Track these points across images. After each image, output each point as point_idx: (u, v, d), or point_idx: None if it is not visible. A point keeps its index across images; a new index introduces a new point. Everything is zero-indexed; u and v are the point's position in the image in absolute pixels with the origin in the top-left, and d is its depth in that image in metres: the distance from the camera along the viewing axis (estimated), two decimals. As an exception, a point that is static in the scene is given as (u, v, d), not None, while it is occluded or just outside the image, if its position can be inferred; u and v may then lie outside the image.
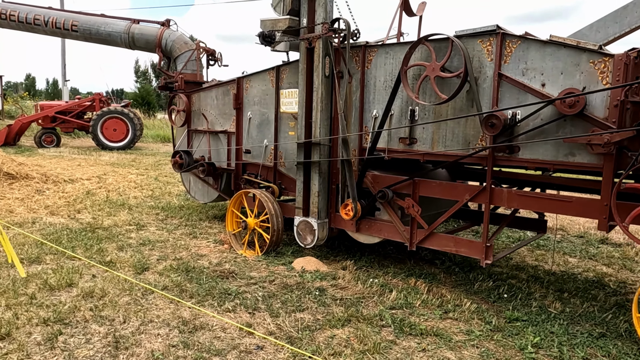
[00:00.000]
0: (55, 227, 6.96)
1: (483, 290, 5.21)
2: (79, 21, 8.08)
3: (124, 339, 3.79)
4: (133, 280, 4.97)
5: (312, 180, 5.82)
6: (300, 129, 5.88)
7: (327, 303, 4.67)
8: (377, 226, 5.52)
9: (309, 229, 5.88)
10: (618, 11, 5.48)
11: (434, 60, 4.68)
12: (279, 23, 5.77)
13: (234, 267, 5.59)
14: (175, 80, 7.83)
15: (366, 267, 5.82)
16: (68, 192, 9.49)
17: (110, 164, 14.07)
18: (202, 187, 7.86)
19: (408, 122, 5.11)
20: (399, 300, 4.78)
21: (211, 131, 7.41)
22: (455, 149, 4.79)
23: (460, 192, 4.85)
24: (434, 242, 5.07)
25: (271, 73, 6.50)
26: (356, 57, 5.50)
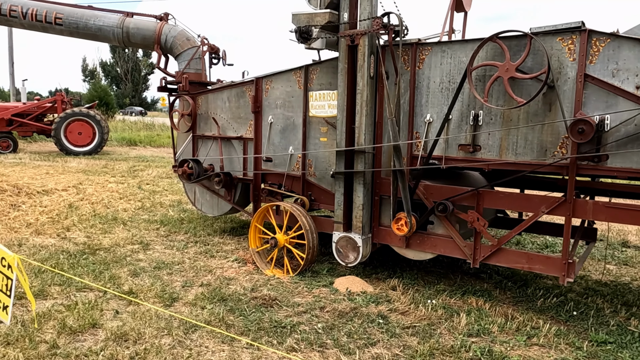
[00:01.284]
0: (49, 250, 6.05)
1: (549, 308, 4.83)
2: (64, 13, 7.11)
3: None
4: (172, 313, 4.24)
5: (356, 192, 5.26)
6: (340, 135, 5.31)
7: (397, 333, 4.15)
8: (430, 241, 5.04)
9: (352, 245, 5.32)
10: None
11: (507, 59, 4.24)
12: (316, 17, 5.17)
13: (272, 292, 4.95)
14: (178, 80, 7.06)
15: (414, 285, 5.33)
16: (47, 205, 8.46)
17: (81, 171, 12.90)
18: (210, 198, 7.12)
19: (470, 127, 4.66)
20: (471, 325, 4.32)
21: (223, 137, 6.70)
22: (529, 157, 4.37)
23: (536, 204, 4.44)
24: (503, 259, 4.64)
25: (298, 73, 5.89)
26: (405, 55, 4.99)
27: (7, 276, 3.24)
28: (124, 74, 66.23)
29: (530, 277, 5.71)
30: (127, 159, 16.25)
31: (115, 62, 66.08)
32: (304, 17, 5.27)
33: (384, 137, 5.23)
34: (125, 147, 20.87)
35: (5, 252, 3.24)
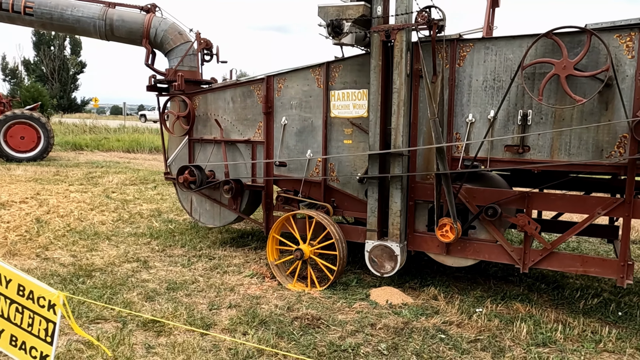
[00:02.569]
0: (34, 274, 5.22)
1: (593, 310, 4.76)
2: (35, 2, 6.19)
3: None
4: (214, 343, 3.70)
5: (393, 197, 4.93)
6: (374, 137, 4.96)
7: (466, 349, 3.87)
8: (473, 247, 4.81)
9: (388, 254, 4.99)
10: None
11: (565, 57, 4.08)
12: (348, 10, 4.79)
13: (311, 310, 4.52)
14: (171, 79, 6.40)
15: (451, 293, 5.09)
16: (9, 221, 7.44)
17: (31, 180, 11.62)
18: (210, 208, 6.52)
19: (518, 127, 4.47)
20: (533, 334, 4.13)
21: (226, 140, 6.14)
22: (584, 157, 4.24)
23: (591, 206, 4.32)
24: (555, 263, 4.49)
25: (317, 71, 5.47)
26: (443, 52, 4.73)
27: (48, 319, 2.61)
28: (50, 73, 61.95)
29: (558, 278, 5.66)
30: (79, 165, 14.94)
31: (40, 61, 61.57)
32: (332, 9, 4.87)
33: (418, 138, 4.95)
34: (71, 152, 19.26)
35: (45, 289, 2.61)
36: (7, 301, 2.76)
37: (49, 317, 2.61)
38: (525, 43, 4.37)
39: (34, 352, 2.67)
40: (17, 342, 2.74)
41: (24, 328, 2.70)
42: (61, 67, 61.91)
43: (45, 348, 2.64)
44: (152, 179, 12.47)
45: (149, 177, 12.73)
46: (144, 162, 17.03)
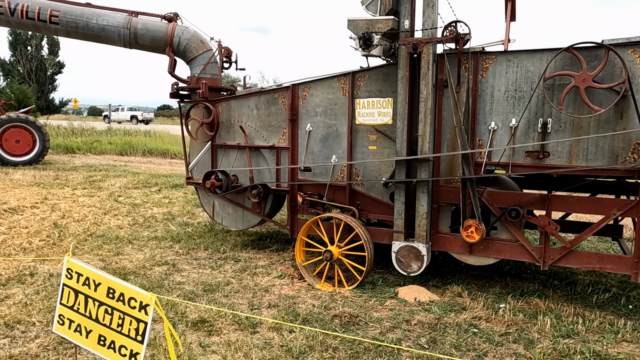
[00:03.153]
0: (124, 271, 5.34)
1: (605, 303, 5.11)
2: (61, 11, 6.27)
3: None
4: (266, 341, 3.91)
5: (419, 200, 5.22)
6: (401, 143, 5.24)
7: (499, 341, 4.17)
8: (495, 247, 5.13)
9: (414, 254, 5.27)
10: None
11: (584, 70, 4.42)
12: (377, 24, 5.05)
13: (346, 308, 4.77)
14: (195, 86, 6.57)
15: (473, 290, 5.39)
16: (26, 225, 7.50)
17: (33, 184, 11.58)
18: (233, 211, 6.72)
19: (538, 134, 4.80)
20: (557, 327, 4.45)
21: (251, 146, 6.35)
22: (600, 162, 4.59)
23: (607, 207, 4.67)
24: (574, 261, 4.83)
25: (342, 80, 5.73)
26: (466, 64, 5.03)
27: (139, 319, 2.81)
28: (27, 73, 60.80)
29: (569, 274, 6.02)
30: (76, 169, 14.87)
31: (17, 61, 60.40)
32: (362, 23, 5.13)
33: (442, 145, 5.24)
34: (64, 156, 19.10)
35: (137, 292, 2.81)
36: (96, 304, 2.94)
37: (140, 318, 2.81)
38: (545, 56, 4.70)
39: (124, 351, 2.86)
40: (105, 342, 2.92)
41: (114, 328, 2.89)
42: (39, 68, 60.83)
43: (136, 346, 2.83)
44: (154, 182, 12.54)
45: (150, 180, 12.79)
46: (140, 166, 17.02)
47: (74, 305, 3.01)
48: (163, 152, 20.46)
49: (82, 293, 2.98)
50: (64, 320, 3.05)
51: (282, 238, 7.44)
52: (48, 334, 4.04)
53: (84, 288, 2.97)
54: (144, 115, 51.06)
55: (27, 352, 3.71)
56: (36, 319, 4.28)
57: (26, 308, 4.49)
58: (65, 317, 3.04)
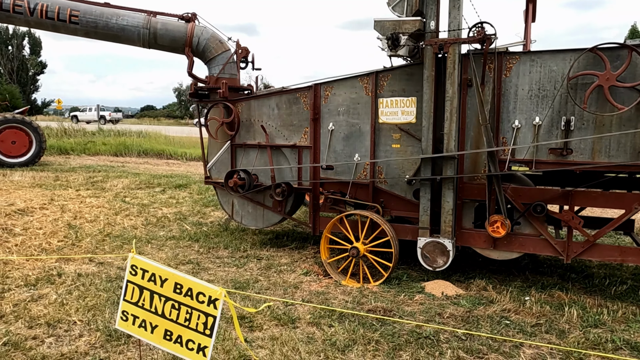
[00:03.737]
0: (100, 278, 5.36)
1: (623, 295, 5.29)
2: (80, 11, 6.24)
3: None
4: (308, 336, 3.99)
5: (445, 197, 5.34)
6: (426, 141, 5.36)
7: (531, 332, 4.32)
8: (519, 241, 5.28)
9: (440, 250, 5.40)
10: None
11: (608, 69, 4.59)
12: (404, 25, 5.17)
13: (378, 303, 4.88)
14: (214, 86, 6.61)
15: (497, 284, 5.54)
16: (40, 226, 7.45)
17: (35, 185, 11.47)
18: (253, 210, 6.77)
19: (562, 132, 4.96)
20: (583, 318, 4.61)
21: (272, 145, 6.41)
22: (622, 158, 4.77)
23: (629, 202, 4.85)
24: (596, 254, 5.01)
25: (365, 79, 5.83)
26: (490, 64, 5.17)
27: (208, 313, 2.87)
28: (9, 73, 59.75)
29: (584, 268, 6.21)
30: (75, 170, 14.73)
31: (-3, 61, 59.28)
32: (389, 24, 5.24)
33: (466, 142, 5.38)
34: (58, 157, 18.86)
35: (206, 286, 2.87)
36: (162, 299, 2.99)
37: (209, 312, 2.87)
38: (569, 56, 4.86)
39: (191, 345, 2.92)
40: (172, 337, 2.97)
41: (181, 323, 2.94)
42: (20, 68, 59.81)
43: (204, 340, 2.89)
44: (156, 182, 12.50)
45: (152, 181, 12.74)
46: (138, 166, 16.92)
47: (138, 301, 3.06)
48: (158, 153, 20.35)
49: (148, 289, 3.03)
50: (127, 317, 3.09)
51: (299, 236, 7.52)
52: (91, 332, 4.06)
53: (149, 284, 3.02)
54: (112, 115, 50.59)
55: (76, 350, 3.73)
56: (76, 317, 4.30)
57: (63, 307, 4.50)
58: (129, 313, 3.09)
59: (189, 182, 12.71)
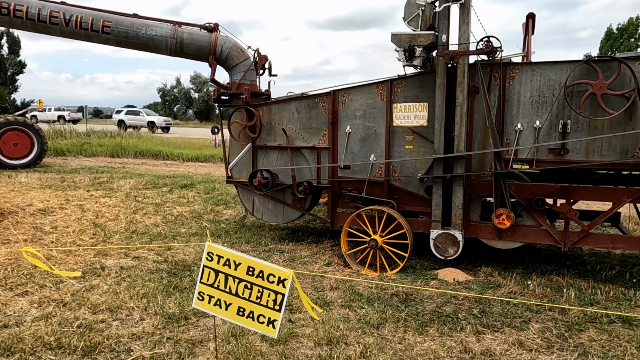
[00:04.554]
0: (140, 269, 5.81)
1: (614, 278, 5.94)
2: (112, 22, 6.64)
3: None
4: (343, 317, 4.53)
5: (455, 193, 5.93)
6: (438, 143, 5.93)
7: (537, 310, 4.91)
8: (521, 232, 5.89)
9: (451, 240, 5.98)
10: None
11: (600, 79, 5.23)
12: (419, 38, 5.73)
13: (399, 288, 5.44)
14: (236, 92, 7.10)
15: (501, 271, 6.14)
16: (66, 225, 7.83)
17: (45, 186, 11.75)
18: (273, 207, 7.28)
19: (559, 134, 5.58)
20: (580, 298, 5.23)
21: (292, 147, 6.93)
22: (613, 157, 5.41)
23: (619, 195, 5.50)
24: (590, 242, 5.65)
25: (380, 86, 6.38)
26: (496, 73, 5.77)
27: (277, 291, 3.38)
28: (-14, 73, 58.94)
29: (577, 256, 6.87)
30: (77, 171, 15.00)
31: (-26, 61, 58.39)
32: (405, 37, 5.79)
33: (474, 143, 5.97)
34: (55, 158, 19.01)
35: (276, 268, 3.38)
36: (236, 280, 3.48)
37: (279, 290, 3.38)
38: (566, 67, 5.48)
39: (262, 319, 3.42)
40: (244, 313, 3.47)
41: (253, 300, 3.44)
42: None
43: (274, 314, 3.39)
44: (162, 183, 12.89)
45: (157, 181, 13.13)
46: (138, 167, 17.22)
47: (214, 283, 3.54)
48: (155, 154, 20.63)
49: (223, 272, 3.52)
50: (203, 297, 3.58)
51: (314, 232, 8.04)
52: (150, 316, 4.52)
53: (224, 268, 3.52)
54: (72, 115, 49.99)
55: (144, 331, 4.20)
56: (134, 304, 4.75)
57: (117, 296, 4.94)
58: (205, 294, 3.57)
59: (193, 182, 13.12)
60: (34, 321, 4.33)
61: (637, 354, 4.00)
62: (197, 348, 3.95)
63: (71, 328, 4.18)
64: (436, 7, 5.72)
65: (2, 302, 4.74)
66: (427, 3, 5.70)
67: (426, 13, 5.80)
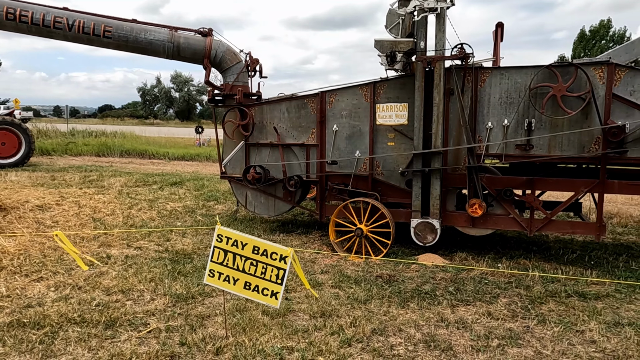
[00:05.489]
0: (144, 258, 6.26)
1: (575, 261, 6.62)
2: (113, 27, 7.04)
3: (430, 343, 4.14)
4: (334, 293, 5.08)
5: (433, 185, 6.54)
6: (417, 140, 6.53)
7: (505, 287, 5.54)
8: (492, 220, 6.53)
9: (429, 228, 6.58)
10: (628, 45, 7.45)
11: (560, 82, 5.88)
12: (400, 44, 6.32)
13: (383, 271, 6.01)
14: (230, 93, 7.58)
15: (474, 257, 6.76)
16: (66, 219, 8.20)
17: (37, 184, 12.01)
18: (265, 200, 7.79)
19: (525, 131, 6.23)
20: (544, 277, 5.87)
21: (283, 144, 7.44)
22: (572, 152, 6.07)
23: (577, 186, 6.17)
24: (553, 228, 6.32)
25: (364, 88, 6.95)
26: (468, 76, 6.39)
27: (279, 267, 3.91)
28: (-41, 72, 57.88)
29: (542, 242, 7.55)
30: (66, 170, 15.23)
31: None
32: (387, 43, 6.37)
33: (449, 140, 6.58)
34: (41, 157, 19.11)
35: (278, 247, 3.92)
36: (243, 259, 4.00)
37: (280, 266, 3.91)
38: (530, 72, 6.12)
39: (266, 292, 3.95)
40: (250, 287, 3.99)
41: (257, 276, 3.96)
42: (-27, 66, 57.98)
43: (276, 287, 3.92)
44: (151, 180, 13.26)
45: (146, 179, 13.48)
46: (126, 166, 17.49)
47: (223, 261, 4.06)
48: (141, 153, 20.88)
49: (231, 252, 4.03)
50: (214, 274, 4.08)
51: (302, 224, 8.57)
52: (160, 296, 5.00)
53: (232, 248, 4.03)
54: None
55: (156, 308, 4.68)
56: (143, 287, 5.22)
57: (127, 280, 5.40)
58: (215, 271, 4.08)
59: (182, 179, 13.51)
60: (54, 302, 4.77)
61: (588, 321, 4.64)
62: (206, 321, 4.45)
63: (90, 306, 4.64)
64: (415, 17, 6.31)
65: (20, 286, 5.16)
66: (407, 13, 6.29)
67: (406, 22, 6.39)
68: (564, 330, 4.42)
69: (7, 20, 6.73)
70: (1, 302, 4.70)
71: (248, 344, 3.98)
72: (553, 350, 4.05)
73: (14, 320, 4.26)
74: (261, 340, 4.06)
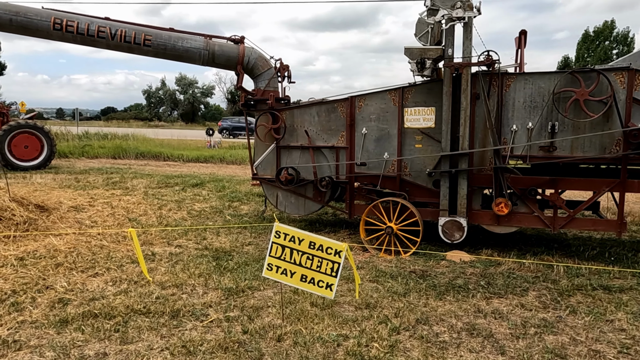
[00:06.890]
0: (186, 255, 6.60)
1: (595, 257, 6.95)
2: (152, 36, 7.38)
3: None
4: (376, 287, 5.41)
5: (460, 185, 6.87)
6: (445, 142, 6.86)
7: (533, 281, 5.86)
8: (517, 218, 6.85)
9: (457, 226, 6.91)
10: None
11: (582, 87, 6.21)
12: (429, 52, 6.65)
13: (415, 266, 6.34)
14: (262, 97, 7.93)
15: (499, 252, 7.10)
16: (104, 220, 8.54)
17: (64, 186, 12.39)
18: (295, 200, 8.12)
19: (548, 134, 6.55)
20: (569, 272, 6.20)
21: (314, 146, 7.78)
22: (593, 153, 6.39)
23: (598, 185, 6.49)
24: (575, 225, 6.64)
25: (393, 93, 7.29)
26: (494, 81, 6.72)
27: (334, 261, 4.24)
28: (-36, 75, 58.42)
29: (562, 239, 7.86)
30: (88, 172, 15.61)
31: (-50, 62, 57.80)
32: (417, 51, 6.71)
33: (475, 142, 6.91)
34: (59, 160, 19.49)
35: (333, 242, 4.25)
36: (299, 253, 4.33)
37: (335, 260, 4.24)
38: (553, 77, 6.45)
39: (321, 284, 4.28)
40: (306, 279, 4.32)
41: (313, 269, 4.29)
42: (-23, 70, 58.44)
43: (331, 280, 4.25)
44: (173, 182, 13.62)
45: (167, 181, 13.84)
46: (144, 168, 17.86)
47: (280, 256, 4.39)
48: (156, 155, 21.25)
49: (288, 247, 4.37)
50: (272, 267, 4.42)
51: (329, 223, 8.90)
52: (212, 290, 5.33)
53: (289, 243, 4.36)
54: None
55: (212, 301, 5.01)
56: (194, 282, 5.56)
57: (176, 275, 5.74)
58: (273, 265, 4.41)
59: (202, 181, 13.87)
60: (116, 295, 5.11)
61: (616, 311, 4.96)
62: (261, 312, 4.78)
63: (151, 299, 4.98)
64: (443, 25, 6.65)
65: (80, 281, 5.50)
66: (436, 22, 6.62)
67: (434, 30, 6.73)
68: (594, 320, 4.74)
69: (54, 30, 7.09)
70: (67, 295, 5.05)
71: (305, 332, 4.31)
72: (587, 337, 4.37)
73: (86, 312, 4.60)
74: (316, 328, 4.39)
